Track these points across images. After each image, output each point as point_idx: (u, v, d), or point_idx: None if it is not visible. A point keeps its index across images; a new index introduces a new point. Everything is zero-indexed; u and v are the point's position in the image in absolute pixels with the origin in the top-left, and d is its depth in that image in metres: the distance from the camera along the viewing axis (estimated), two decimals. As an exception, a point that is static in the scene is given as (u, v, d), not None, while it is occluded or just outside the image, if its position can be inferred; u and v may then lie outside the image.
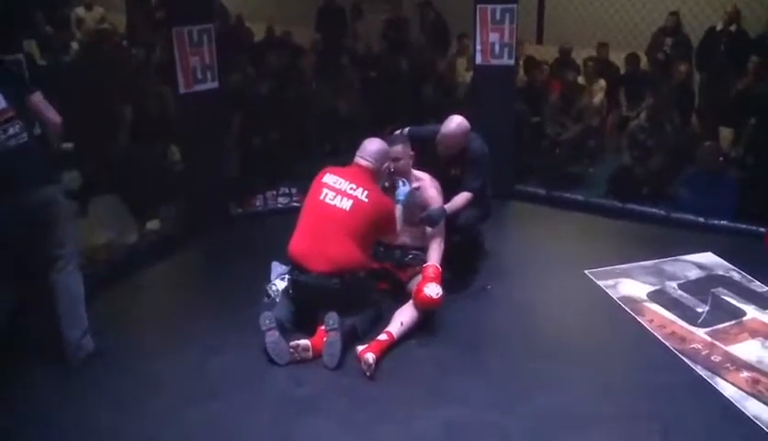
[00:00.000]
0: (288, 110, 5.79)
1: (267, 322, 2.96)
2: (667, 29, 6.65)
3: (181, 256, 4.15)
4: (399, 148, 3.39)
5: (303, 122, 6.02)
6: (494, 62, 4.67)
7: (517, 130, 5.03)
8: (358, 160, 3.22)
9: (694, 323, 3.27)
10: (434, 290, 3.11)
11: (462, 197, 3.55)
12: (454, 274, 3.41)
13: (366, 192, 3.10)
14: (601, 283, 3.68)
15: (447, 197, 3.52)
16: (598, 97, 6.40)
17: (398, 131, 3.87)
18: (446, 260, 3.36)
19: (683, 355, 3.03)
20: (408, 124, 3.87)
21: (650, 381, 2.87)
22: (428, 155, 3.60)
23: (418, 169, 3.56)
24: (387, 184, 3.38)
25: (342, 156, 5.55)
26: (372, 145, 3.24)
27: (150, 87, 5.53)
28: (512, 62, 4.72)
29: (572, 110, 5.59)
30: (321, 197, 3.12)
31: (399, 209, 3.36)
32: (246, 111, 5.49)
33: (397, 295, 3.38)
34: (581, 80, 6.43)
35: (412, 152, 3.46)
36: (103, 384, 2.85)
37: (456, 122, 3.57)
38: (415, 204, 3.44)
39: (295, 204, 4.74)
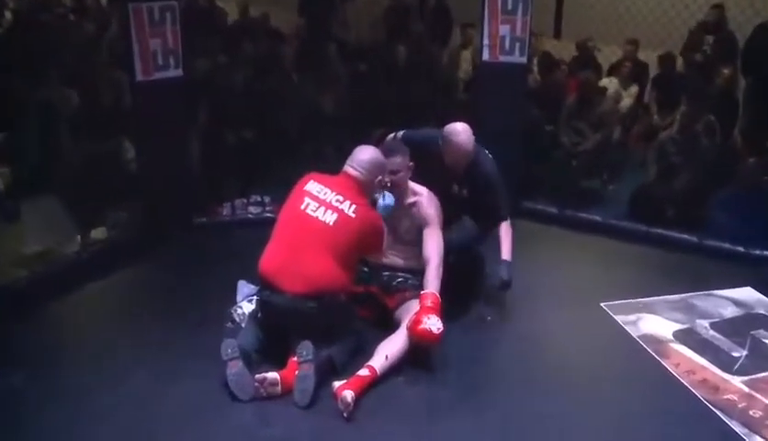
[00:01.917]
0: (264, 106, 5.83)
1: (230, 350, 2.97)
2: (708, 25, 6.63)
3: (130, 271, 4.15)
4: (398, 159, 3.44)
5: (281, 120, 6.07)
6: (504, 58, 4.73)
7: (527, 138, 5.10)
8: (348, 169, 3.26)
9: (729, 370, 3.28)
10: (434, 324, 3.12)
11: (506, 234, 3.68)
12: (448, 301, 3.45)
13: (353, 206, 3.14)
14: (619, 318, 3.72)
15: (447, 216, 3.57)
16: (625, 103, 6.51)
17: (390, 136, 3.91)
18: (443, 285, 3.38)
19: (714, 407, 3.04)
20: (400, 126, 3.92)
21: (675, 437, 2.89)
22: (425, 166, 3.65)
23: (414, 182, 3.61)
24: (376, 196, 3.44)
25: (326, 161, 5.66)
26: (364, 154, 3.28)
27: (101, 71, 5.55)
28: (524, 59, 4.78)
29: (591, 116, 5.66)
30: (302, 207, 3.15)
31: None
32: (215, 105, 5.52)
33: (382, 324, 3.40)
34: (607, 83, 6.54)
35: (411, 163, 3.51)
36: (30, 424, 2.83)
37: (464, 132, 3.62)
38: (412, 223, 3.50)
39: (268, 214, 4.77)
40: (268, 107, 5.88)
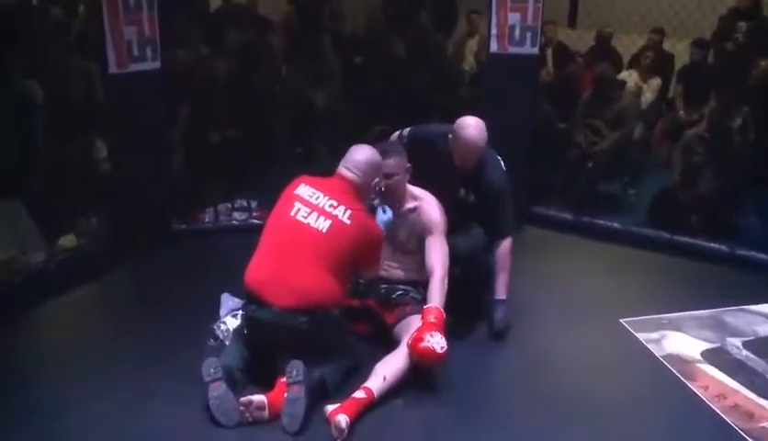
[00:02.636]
0: (250, 101, 5.84)
1: (212, 370, 2.97)
2: (741, 11, 6.64)
3: (102, 283, 4.16)
4: (391, 161, 3.44)
5: (270, 117, 6.08)
6: (513, 50, 4.76)
7: (538, 137, 5.12)
8: (342, 171, 3.26)
9: (764, 395, 3.27)
10: (437, 342, 3.12)
11: (504, 260, 3.68)
12: (453, 316, 3.44)
13: (348, 211, 3.14)
14: (641, 336, 3.73)
15: (452, 223, 3.58)
16: (647, 98, 6.53)
17: (395, 134, 3.94)
18: (447, 299, 3.38)
19: (749, 436, 3.03)
20: (400, 124, 3.93)
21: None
22: (432, 166, 3.66)
23: (416, 185, 3.62)
24: (374, 202, 3.45)
25: (318, 162, 5.67)
26: (360, 154, 3.28)
27: (69, 62, 5.55)
28: (535, 50, 4.81)
29: (609, 113, 5.67)
30: (292, 213, 3.16)
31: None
32: (197, 101, 5.54)
33: (380, 341, 3.41)
34: (627, 76, 6.56)
35: (408, 165, 3.52)
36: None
37: (476, 127, 3.62)
38: (413, 230, 3.50)
39: (254, 221, 4.80)
40: (255, 102, 5.89)
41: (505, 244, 3.70)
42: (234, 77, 5.89)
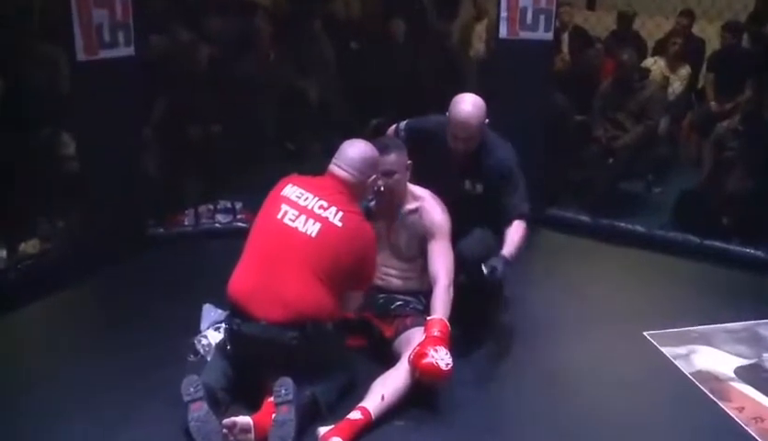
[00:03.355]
0: (235, 93, 5.85)
1: (192, 389, 2.96)
2: None
3: (69, 293, 4.16)
4: (392, 157, 3.44)
5: (256, 110, 6.09)
6: (525, 35, 4.77)
7: (553, 131, 5.12)
8: (334, 169, 3.26)
9: (806, 417, 3.28)
10: (442, 358, 3.11)
11: (518, 230, 3.59)
12: (459, 329, 3.45)
13: (340, 213, 3.14)
14: (667, 351, 3.73)
15: (459, 221, 3.57)
16: (675, 87, 6.54)
17: (391, 128, 3.93)
18: (453, 311, 3.38)
19: (788, 462, 3.04)
20: (400, 117, 3.94)
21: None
22: (432, 158, 3.67)
23: (416, 183, 3.63)
24: (370, 203, 3.45)
25: (310, 160, 5.69)
26: (354, 150, 3.28)
27: (32, 47, 5.54)
28: (550, 35, 4.82)
29: (632, 104, 5.67)
30: (279, 216, 3.16)
31: None
32: (175, 92, 5.55)
33: (378, 357, 3.42)
34: (651, 64, 6.57)
35: (408, 162, 3.52)
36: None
37: (470, 102, 3.62)
38: (414, 234, 3.51)
39: (239, 224, 4.81)
40: (240, 94, 5.90)
41: (520, 222, 3.61)
42: (217, 66, 5.90)
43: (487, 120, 3.64)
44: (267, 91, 6.19)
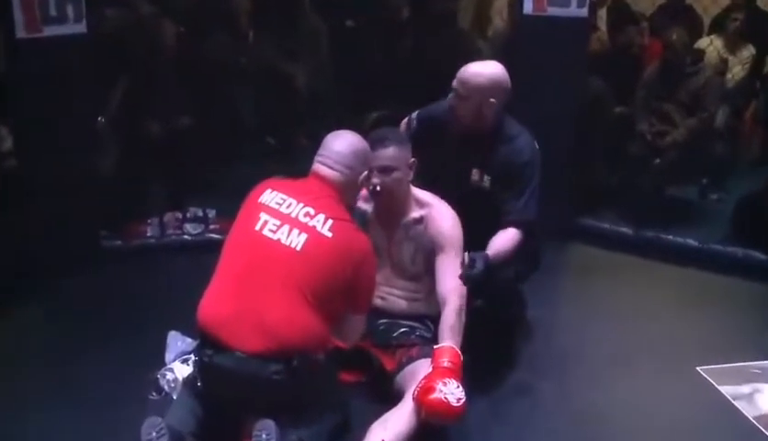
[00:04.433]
0: (206, 78, 5.88)
1: (155, 433, 2.94)
2: None
3: (7, 317, 4.17)
4: (390, 151, 3.44)
5: (232, 100, 6.11)
6: (554, 10, 4.82)
7: (588, 125, 5.15)
8: (318, 167, 3.26)
9: None
10: (453, 393, 3.11)
11: (508, 237, 3.62)
12: (474, 359, 3.47)
13: (329, 221, 3.13)
14: (726, 390, 3.74)
15: (464, 224, 3.58)
16: (734, 72, 6.54)
17: (405, 119, 4.00)
18: (465, 337, 3.40)
19: None
20: (406, 107, 3.96)
21: None
22: (439, 151, 3.73)
23: (422, 180, 3.65)
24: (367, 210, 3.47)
25: (297, 160, 5.66)
26: (340, 142, 3.28)
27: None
28: (584, 11, 4.86)
29: (683, 93, 5.68)
30: (258, 227, 3.15)
31: None
32: (135, 76, 5.57)
33: (377, 393, 3.44)
34: (707, 44, 6.57)
35: (412, 159, 3.53)
36: None
37: (486, 62, 3.68)
38: (419, 247, 3.53)
39: (212, 236, 4.85)
40: (213, 80, 5.92)
41: (516, 230, 3.64)
42: (185, 46, 5.92)
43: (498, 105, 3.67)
44: (245, 77, 6.20)
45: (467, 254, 3.41)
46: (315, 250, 3.11)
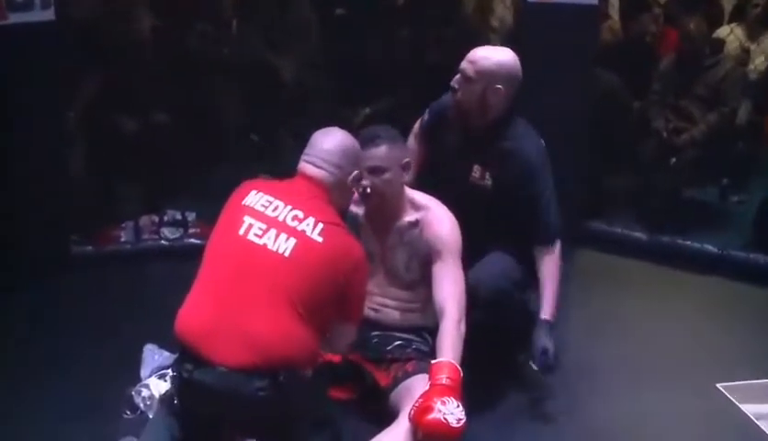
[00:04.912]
0: (186, 70, 5.89)
1: (129, 457, 2.99)
2: None
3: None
4: (381, 150, 3.44)
5: (214, 94, 6.12)
6: (561, -3, 4.84)
7: (599, 122, 5.16)
8: (305, 167, 3.25)
9: None
10: (452, 412, 3.09)
11: (554, 267, 3.72)
12: (475, 374, 3.45)
13: (320, 225, 3.12)
14: (748, 409, 3.74)
15: (462, 227, 3.57)
16: (757, 64, 6.54)
17: (420, 120, 4.02)
18: (465, 351, 3.38)
19: None
20: (398, 102, 3.97)
21: None
22: (443, 147, 3.77)
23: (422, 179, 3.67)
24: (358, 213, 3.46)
25: (282, 157, 5.68)
26: (329, 140, 3.27)
27: None
28: (594, -1, 4.90)
29: (701, 86, 5.68)
30: (242, 232, 3.14)
31: None
32: (108, 68, 5.56)
33: (370, 412, 3.44)
34: (726, 34, 6.58)
35: (406, 159, 3.53)
36: None
37: (496, 46, 3.75)
38: (414, 253, 3.52)
39: (192, 241, 4.86)
40: (193, 73, 5.92)
41: (552, 251, 3.74)
42: (163, 36, 5.93)
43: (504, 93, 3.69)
44: (228, 69, 6.20)
45: (532, 361, 3.57)
46: (305, 256, 3.09)
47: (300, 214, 3.14)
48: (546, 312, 3.68)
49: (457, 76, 3.72)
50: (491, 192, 3.76)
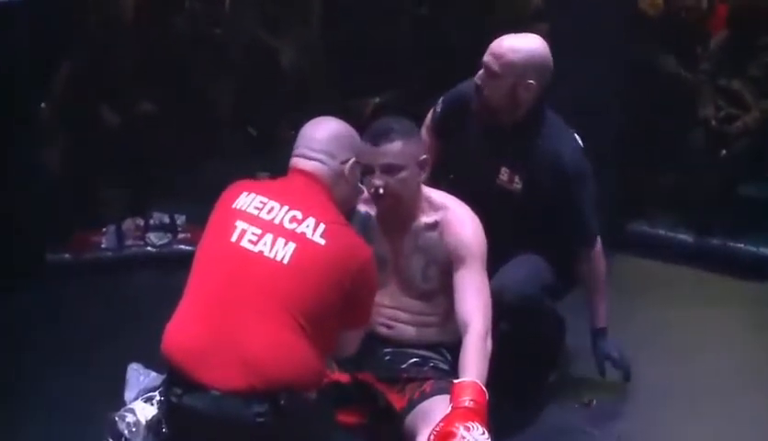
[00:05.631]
0: (174, 56, 5.88)
1: (111, 488, 2.98)
2: None
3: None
4: (396, 146, 3.41)
5: (205, 83, 6.12)
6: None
7: (637, 110, 5.17)
8: (298, 161, 3.23)
9: None
10: (476, 439, 3.06)
11: (600, 271, 3.80)
12: (502, 396, 3.44)
13: (321, 226, 3.10)
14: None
15: (488, 232, 3.55)
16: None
17: (432, 110, 4.01)
18: (491, 367, 3.34)
19: None
20: (410, 91, 3.95)
21: None
22: (463, 140, 3.77)
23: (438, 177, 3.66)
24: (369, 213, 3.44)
25: (280, 152, 5.65)
26: (319, 130, 3.25)
27: None
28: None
29: (755, 67, 5.64)
30: (234, 238, 3.13)
31: None
32: (87, 53, 5.58)
33: (383, 438, 3.44)
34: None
35: (424, 156, 3.51)
36: None
37: (525, 35, 3.71)
38: (432, 259, 3.49)
39: (181, 247, 4.88)
40: (182, 58, 5.92)
41: (593, 253, 3.78)
42: (147, 18, 5.94)
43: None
44: (222, 54, 6.20)
45: (601, 354, 3.72)
46: (306, 262, 3.07)
47: (299, 215, 3.11)
48: (599, 320, 3.76)
49: (481, 72, 3.71)
50: (521, 196, 3.76)
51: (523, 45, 3.69)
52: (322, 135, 3.22)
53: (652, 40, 5.83)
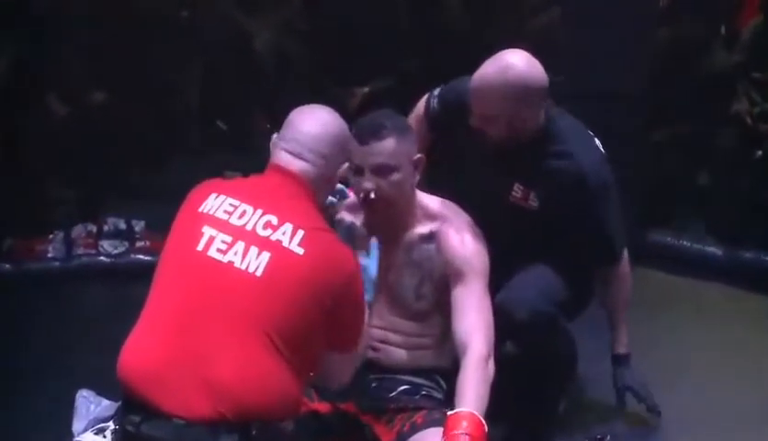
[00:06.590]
0: (134, 39, 5.91)
1: None
2: None
3: None
4: (387, 145, 3.42)
5: (170, 68, 6.14)
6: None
7: (665, 100, 5.22)
8: (282, 157, 3.23)
9: None
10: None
11: (622, 284, 3.87)
12: (503, 428, 3.50)
13: (300, 233, 3.10)
14: None
15: (498, 253, 3.58)
16: None
17: (425, 97, 4.05)
18: (493, 395, 3.34)
19: None
20: (403, 79, 3.98)
21: None
22: (467, 147, 3.82)
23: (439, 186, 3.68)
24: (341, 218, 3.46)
25: (254, 148, 5.69)
26: (311, 123, 3.25)
27: None
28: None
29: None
30: (201, 248, 3.13)
31: None
32: (31, 36, 5.58)
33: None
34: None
35: (418, 155, 3.52)
36: None
37: (506, 61, 3.66)
38: (428, 275, 3.51)
39: (139, 257, 4.88)
40: (143, 42, 5.94)
41: (619, 272, 3.85)
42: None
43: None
44: (189, 38, 6.23)
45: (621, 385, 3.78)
46: (282, 274, 3.08)
47: (274, 220, 3.11)
48: (622, 345, 3.83)
49: (471, 118, 3.71)
50: (538, 214, 3.77)
51: (506, 76, 3.62)
52: (315, 130, 3.22)
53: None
